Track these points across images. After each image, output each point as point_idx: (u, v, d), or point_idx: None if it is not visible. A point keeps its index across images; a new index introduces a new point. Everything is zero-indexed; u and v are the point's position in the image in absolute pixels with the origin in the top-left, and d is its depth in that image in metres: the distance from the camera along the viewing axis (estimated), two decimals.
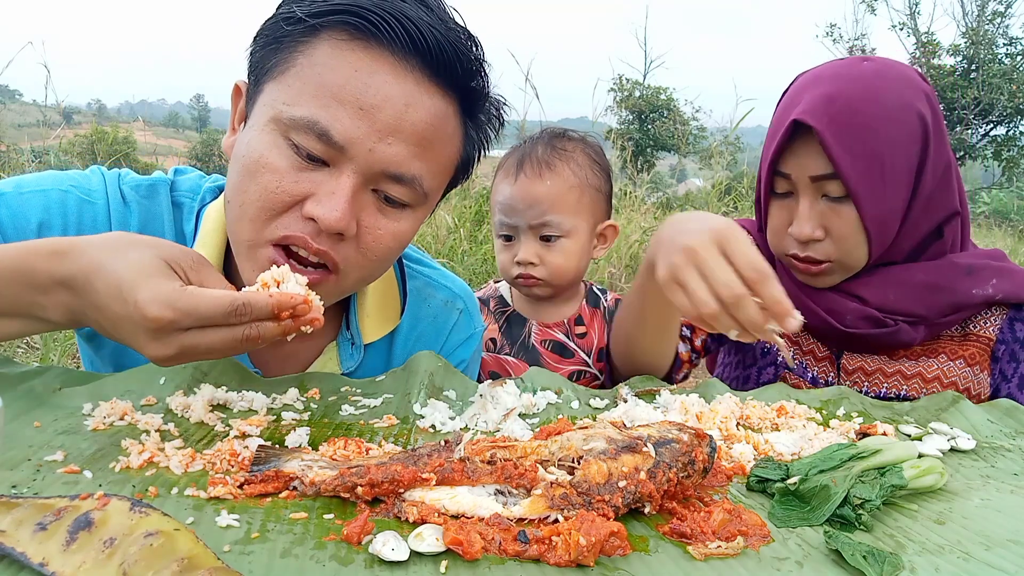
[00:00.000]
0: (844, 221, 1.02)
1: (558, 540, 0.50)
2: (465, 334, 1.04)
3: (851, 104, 0.98)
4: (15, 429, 0.65)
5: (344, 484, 0.56)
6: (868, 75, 1.01)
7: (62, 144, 5.67)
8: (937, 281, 1.05)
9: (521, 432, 0.72)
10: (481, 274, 4.01)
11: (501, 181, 1.27)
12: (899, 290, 1.06)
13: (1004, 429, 0.84)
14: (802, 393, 0.93)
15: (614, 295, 1.40)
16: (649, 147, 18.71)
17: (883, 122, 0.98)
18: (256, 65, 0.77)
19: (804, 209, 1.03)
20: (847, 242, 1.03)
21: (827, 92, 0.99)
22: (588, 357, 1.32)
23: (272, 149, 0.73)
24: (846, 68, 1.03)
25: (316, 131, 0.71)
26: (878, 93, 0.99)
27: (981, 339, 1.09)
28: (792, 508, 0.60)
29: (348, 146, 0.72)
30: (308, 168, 0.73)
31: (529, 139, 1.31)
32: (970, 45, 15.94)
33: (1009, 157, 15.78)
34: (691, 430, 0.62)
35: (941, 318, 1.07)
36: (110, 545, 0.44)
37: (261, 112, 0.75)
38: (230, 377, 0.82)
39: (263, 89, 0.76)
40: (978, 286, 1.05)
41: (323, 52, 0.72)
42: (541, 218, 1.23)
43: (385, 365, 0.98)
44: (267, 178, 0.73)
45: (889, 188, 1.00)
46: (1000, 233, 9.36)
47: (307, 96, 0.72)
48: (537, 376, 0.92)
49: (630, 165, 7.40)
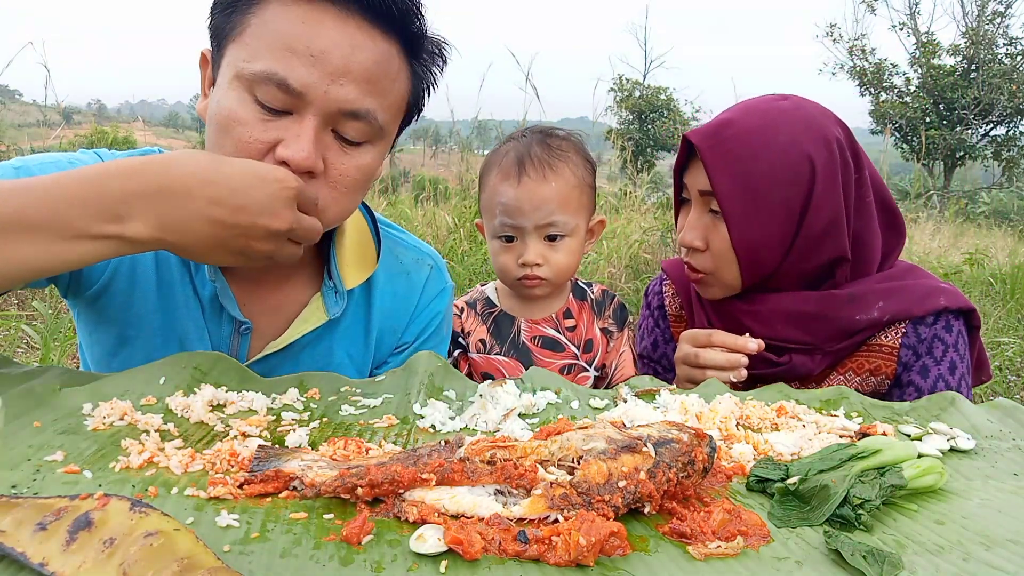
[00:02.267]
0: (720, 238, 1.10)
1: (558, 540, 0.50)
2: (438, 287, 1.12)
3: (741, 133, 1.06)
4: (15, 429, 0.65)
5: (344, 485, 0.56)
6: (773, 111, 1.08)
7: (62, 144, 5.66)
8: (818, 310, 1.10)
9: (521, 432, 0.72)
10: (481, 274, 4.00)
11: (500, 183, 1.25)
12: (784, 320, 1.12)
13: (1004, 429, 0.84)
14: (802, 393, 0.93)
15: (600, 287, 1.41)
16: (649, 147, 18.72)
17: (767, 156, 1.05)
18: (215, 31, 0.84)
19: (692, 218, 1.14)
20: (720, 259, 1.11)
21: (728, 118, 1.09)
22: (577, 350, 1.33)
23: (239, 104, 0.80)
24: (762, 103, 1.11)
25: (275, 81, 0.78)
26: (772, 129, 1.06)
27: (884, 348, 1.12)
28: (792, 508, 0.60)
29: (305, 91, 0.79)
30: (273, 118, 0.80)
31: (516, 139, 1.29)
32: (970, 45, 15.95)
33: (1009, 157, 15.79)
34: (691, 430, 0.62)
35: (834, 344, 1.11)
36: (110, 545, 0.44)
37: (225, 72, 0.82)
38: (230, 377, 0.82)
39: (225, 52, 0.82)
40: (861, 312, 1.10)
41: (272, 10, 0.80)
42: (548, 219, 1.23)
43: (366, 316, 1.05)
44: (239, 131, 0.80)
45: (762, 218, 1.07)
46: (1000, 233, 9.35)
47: (263, 51, 0.79)
48: (537, 376, 0.92)
49: (630, 165, 7.39)
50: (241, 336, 0.97)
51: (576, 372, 1.32)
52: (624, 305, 1.40)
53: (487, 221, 1.30)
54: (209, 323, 0.97)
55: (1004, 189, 15.50)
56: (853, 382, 1.13)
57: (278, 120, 0.81)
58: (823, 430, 0.78)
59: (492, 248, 1.31)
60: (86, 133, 8.14)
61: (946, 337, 1.11)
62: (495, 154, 1.30)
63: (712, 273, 1.13)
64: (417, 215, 5.12)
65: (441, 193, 6.46)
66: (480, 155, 5.83)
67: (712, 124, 1.10)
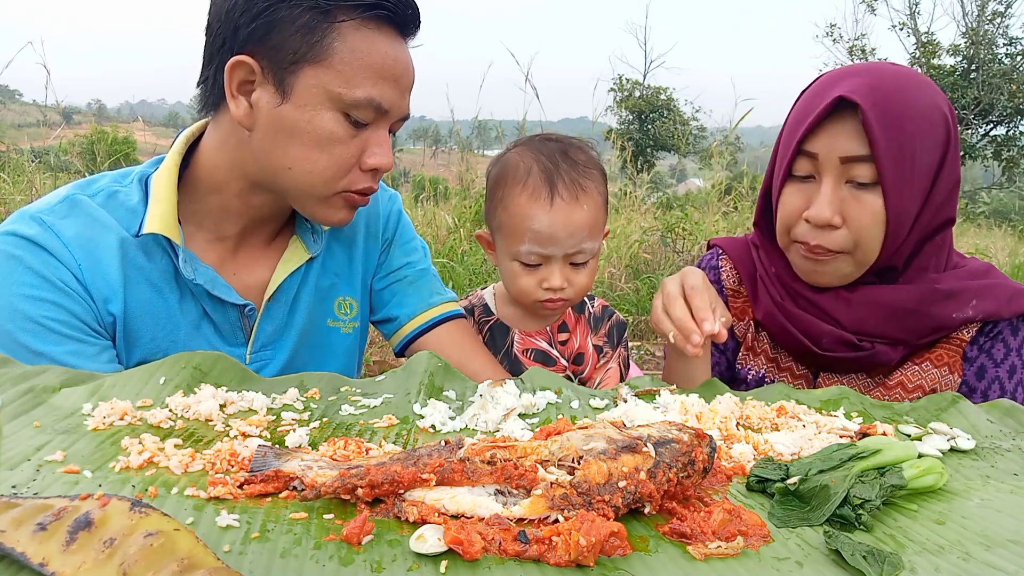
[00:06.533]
0: (866, 210, 0.98)
1: (558, 540, 0.50)
2: (388, 194, 1.25)
3: (889, 94, 0.96)
4: (15, 429, 0.65)
5: (344, 486, 0.56)
6: (903, 73, 1.00)
7: (62, 144, 5.66)
8: (917, 307, 1.03)
9: (521, 432, 0.72)
10: (481, 274, 4.00)
11: (530, 205, 1.14)
12: (877, 314, 1.04)
13: (1004, 429, 0.84)
14: (802, 393, 0.93)
15: (601, 302, 1.37)
16: (649, 147, 18.72)
17: (917, 118, 0.97)
18: (275, 47, 0.89)
19: (827, 191, 0.99)
20: (865, 233, 0.99)
21: (868, 81, 0.97)
22: (567, 363, 1.30)
23: (336, 124, 0.92)
24: (878, 66, 1.02)
25: (373, 106, 0.92)
26: (915, 90, 0.98)
27: (953, 340, 1.07)
28: (792, 508, 0.60)
29: (390, 109, 0.95)
30: (358, 132, 0.94)
31: (532, 149, 1.19)
32: (970, 45, 15.94)
33: (1009, 157, 15.77)
34: (691, 430, 0.62)
35: (922, 339, 1.06)
36: (110, 545, 0.44)
37: (313, 93, 0.90)
38: (230, 377, 0.82)
39: (301, 72, 0.90)
40: (958, 310, 1.04)
41: (356, 37, 0.91)
42: (578, 247, 1.16)
43: (348, 250, 1.16)
44: (338, 148, 0.93)
45: (913, 184, 0.98)
46: (1000, 233, 9.35)
47: (360, 78, 0.91)
48: (537, 376, 0.92)
49: (630, 165, 7.39)
50: (247, 318, 1.05)
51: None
52: (623, 323, 1.36)
53: (508, 243, 1.19)
54: (221, 328, 1.04)
55: (1004, 189, 15.52)
56: (931, 374, 1.07)
57: (360, 132, 0.95)
58: (823, 430, 0.78)
59: (510, 269, 1.21)
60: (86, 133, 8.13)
61: (1011, 341, 1.07)
62: (511, 167, 1.18)
63: (848, 252, 1.01)
64: (417, 215, 5.12)
65: (441, 193, 6.46)
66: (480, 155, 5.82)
67: (857, 86, 0.97)
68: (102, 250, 0.95)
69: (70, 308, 0.92)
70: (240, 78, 0.91)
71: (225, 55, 0.91)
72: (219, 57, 0.92)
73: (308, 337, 1.12)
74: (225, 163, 0.98)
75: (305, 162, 0.93)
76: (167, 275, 0.99)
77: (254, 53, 0.90)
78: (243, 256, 1.06)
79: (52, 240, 0.93)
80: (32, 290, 0.91)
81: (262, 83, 0.91)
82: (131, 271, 0.97)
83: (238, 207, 1.01)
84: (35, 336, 0.90)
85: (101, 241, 0.96)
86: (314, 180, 0.94)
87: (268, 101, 0.91)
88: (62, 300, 0.92)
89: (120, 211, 0.99)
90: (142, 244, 0.98)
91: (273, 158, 0.94)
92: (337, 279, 1.15)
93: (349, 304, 1.16)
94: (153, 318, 0.99)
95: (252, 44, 0.90)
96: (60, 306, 0.92)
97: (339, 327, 1.16)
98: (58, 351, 0.91)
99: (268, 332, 1.08)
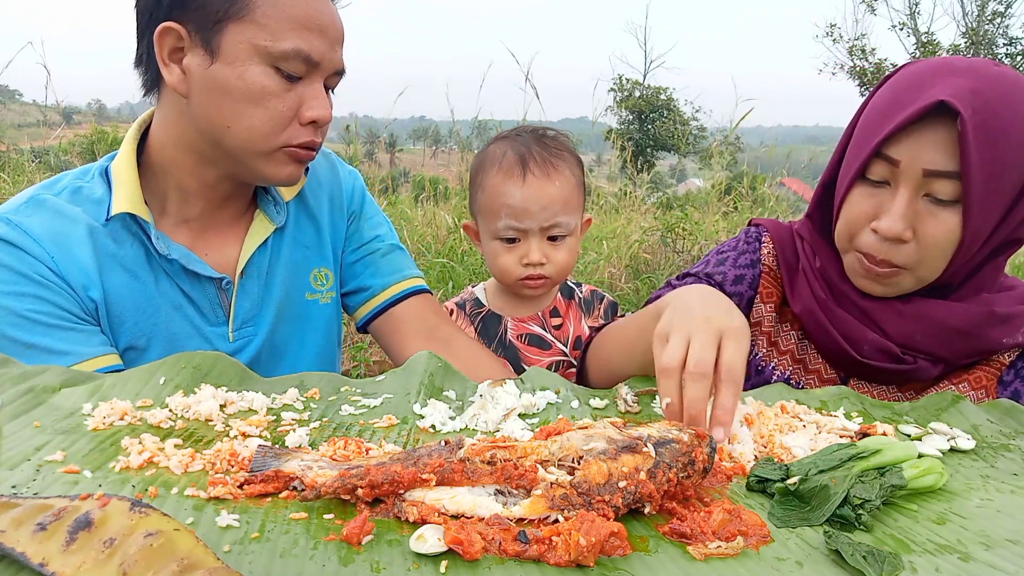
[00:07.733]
0: (940, 228, 0.89)
1: (558, 540, 0.50)
2: (348, 170, 1.26)
3: (990, 103, 0.85)
4: (15, 429, 0.65)
5: (344, 486, 0.56)
6: (1009, 79, 0.88)
7: (62, 144, 5.67)
8: (972, 328, 0.96)
9: (521, 432, 0.72)
10: (481, 274, 4.00)
11: (504, 183, 1.22)
12: (927, 330, 0.97)
13: (1004, 429, 0.84)
14: (802, 393, 0.93)
15: (589, 287, 1.41)
16: (649, 147, 18.71)
17: (1014, 132, 0.86)
18: (195, 8, 0.90)
19: (901, 204, 0.90)
20: (933, 251, 0.91)
21: (970, 85, 0.86)
22: (565, 347, 1.33)
23: (267, 78, 0.93)
24: (982, 65, 0.90)
25: (301, 57, 0.93)
26: (1017, 104, 0.87)
27: (993, 363, 1.02)
28: (792, 508, 0.60)
29: (320, 60, 0.95)
30: (292, 86, 0.95)
31: (508, 138, 1.27)
32: (970, 45, 15.94)
33: None
34: (691, 430, 0.62)
35: (966, 360, 1.00)
36: (110, 545, 0.44)
37: (240, 49, 0.91)
38: (230, 377, 0.82)
39: (227, 29, 0.91)
40: (1009, 335, 0.98)
41: None
42: (553, 219, 1.22)
43: (315, 222, 1.17)
44: (273, 102, 0.94)
45: (996, 203, 0.89)
46: None
47: (284, 30, 0.92)
48: (537, 376, 0.92)
49: (630, 165, 7.39)
50: (225, 293, 1.07)
51: (564, 368, 1.33)
52: (615, 303, 1.40)
53: (488, 223, 1.27)
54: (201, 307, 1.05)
55: None
56: (968, 395, 1.01)
57: (295, 86, 0.95)
58: (823, 430, 0.78)
59: (492, 249, 1.29)
60: (86, 133, 8.12)
61: None
62: (488, 154, 1.27)
63: (911, 268, 0.94)
64: (417, 215, 5.12)
65: (441, 193, 6.46)
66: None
67: (958, 90, 0.86)
68: (72, 241, 0.96)
69: (52, 300, 0.93)
70: (170, 46, 0.93)
71: (153, 27, 0.92)
72: (149, 31, 0.93)
73: (287, 311, 1.13)
74: (171, 139, 1.00)
75: (243, 117, 0.94)
76: (139, 259, 1.00)
77: (180, 19, 0.91)
78: (211, 235, 1.08)
79: (22, 237, 0.94)
80: (11, 287, 0.92)
81: (191, 47, 0.92)
82: (104, 258, 0.98)
83: (195, 187, 1.02)
84: (23, 329, 0.91)
85: (70, 233, 0.97)
86: (253, 136, 0.95)
87: (199, 64, 0.92)
88: (43, 293, 0.93)
89: (86, 203, 1.00)
90: (111, 231, 0.99)
91: (212, 119, 0.95)
92: (308, 251, 1.16)
93: (324, 275, 1.18)
94: (133, 302, 1.00)
95: (176, 10, 0.91)
96: (42, 299, 0.93)
97: (317, 299, 1.18)
98: (50, 340, 0.91)
99: (247, 308, 1.09)
